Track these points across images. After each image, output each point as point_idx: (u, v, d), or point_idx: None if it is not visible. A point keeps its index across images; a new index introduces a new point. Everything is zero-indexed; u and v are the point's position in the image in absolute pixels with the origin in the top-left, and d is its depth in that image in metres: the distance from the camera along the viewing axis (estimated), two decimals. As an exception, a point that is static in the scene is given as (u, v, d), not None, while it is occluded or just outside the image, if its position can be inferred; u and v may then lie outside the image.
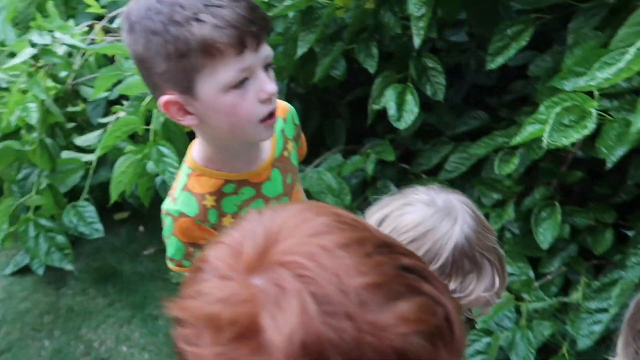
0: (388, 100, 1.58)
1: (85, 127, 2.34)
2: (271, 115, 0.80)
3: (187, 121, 0.80)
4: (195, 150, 0.88)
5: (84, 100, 2.32)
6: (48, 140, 1.87)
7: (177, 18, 0.71)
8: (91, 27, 2.28)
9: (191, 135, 0.97)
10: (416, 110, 1.57)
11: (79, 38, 1.97)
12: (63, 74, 2.09)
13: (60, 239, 1.91)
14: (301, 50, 1.56)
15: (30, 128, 1.84)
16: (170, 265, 0.89)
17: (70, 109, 2.20)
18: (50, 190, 1.89)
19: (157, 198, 2.08)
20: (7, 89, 1.86)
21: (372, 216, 0.85)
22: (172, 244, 0.86)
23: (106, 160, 2.18)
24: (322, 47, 1.67)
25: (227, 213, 0.87)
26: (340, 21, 1.76)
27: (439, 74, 1.61)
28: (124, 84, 1.78)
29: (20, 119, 1.77)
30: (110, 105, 2.31)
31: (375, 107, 1.64)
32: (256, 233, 0.42)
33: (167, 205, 0.87)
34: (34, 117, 1.69)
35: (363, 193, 1.90)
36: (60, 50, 1.97)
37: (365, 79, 2.02)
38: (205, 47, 0.71)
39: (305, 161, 2.14)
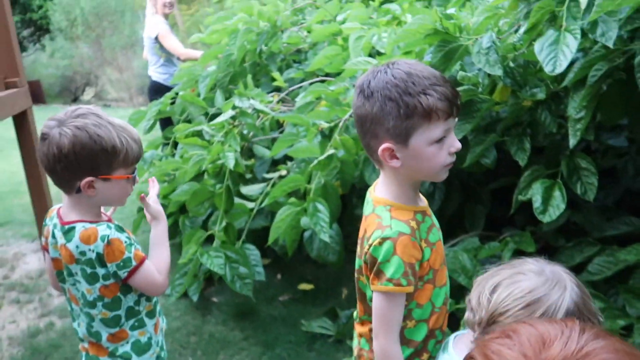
0: (535, 193, 1.64)
1: (251, 179, 2.71)
2: (452, 162, 1.06)
3: (393, 163, 1.04)
4: (383, 192, 1.09)
5: (254, 156, 2.70)
6: (231, 186, 2.20)
7: (410, 91, 0.98)
8: (273, 97, 2.70)
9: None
10: (563, 206, 1.60)
11: (265, 105, 2.35)
12: (245, 132, 2.48)
13: (243, 270, 2.17)
14: (457, 136, 1.70)
15: (216, 174, 2.20)
16: (388, 287, 1.02)
17: (243, 161, 2.59)
18: (230, 228, 2.19)
19: (299, 251, 2.31)
20: (208, 141, 2.26)
21: (485, 283, 0.96)
22: (392, 264, 1.01)
23: (262, 211, 2.48)
24: (475, 136, 1.79)
25: (422, 238, 1.06)
26: (495, 114, 1.89)
27: (591, 174, 1.63)
28: (295, 147, 2.07)
29: (212, 167, 2.14)
30: (274, 164, 2.66)
31: (521, 198, 1.70)
32: (570, 338, 0.50)
33: (382, 233, 1.02)
34: (231, 164, 2.02)
35: (497, 279, 1.92)
36: (249, 111, 2.37)
37: (511, 169, 2.09)
38: (428, 113, 0.98)
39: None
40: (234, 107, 2.13)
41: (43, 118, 1.78)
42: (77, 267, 1.21)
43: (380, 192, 1.09)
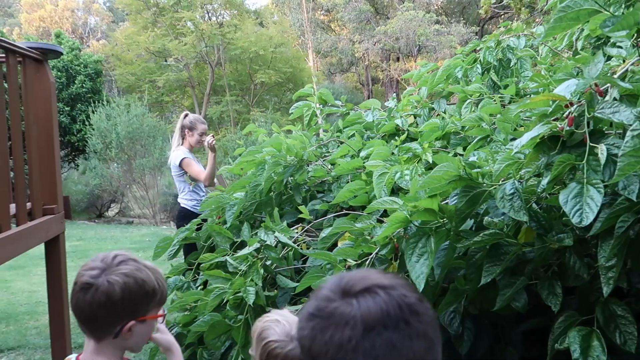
0: (572, 342, 1.57)
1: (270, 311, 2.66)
2: None
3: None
4: None
5: (276, 286, 2.68)
6: (250, 320, 2.17)
7: None
8: (297, 228, 2.75)
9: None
10: (603, 358, 1.53)
11: (289, 237, 2.39)
12: (269, 263, 2.49)
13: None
14: (485, 280, 1.69)
15: (236, 307, 2.19)
16: None
17: (265, 293, 2.56)
18: None
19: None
20: (232, 273, 2.28)
21: None
22: None
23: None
24: (504, 278, 1.78)
25: None
26: (523, 255, 1.89)
27: (629, 323, 1.58)
28: (319, 282, 2.06)
29: (232, 301, 2.13)
30: (295, 296, 2.63)
31: (558, 347, 1.63)
32: None
33: None
34: (251, 299, 2.02)
35: None
36: (273, 244, 2.41)
37: (541, 308, 2.03)
38: None
39: (472, 384, 2.10)
40: (259, 241, 2.17)
41: (68, 233, 1.83)
42: None
43: None
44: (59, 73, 11.64)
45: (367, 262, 1.93)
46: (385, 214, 2.13)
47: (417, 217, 1.75)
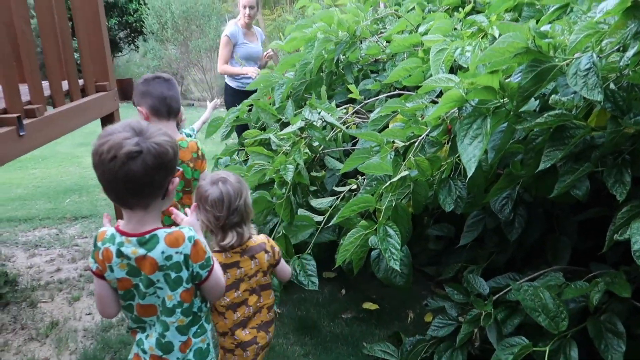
0: (634, 233, 1.45)
1: (320, 190, 2.67)
2: None
3: None
4: None
5: (325, 167, 2.66)
6: (292, 198, 2.19)
7: None
8: (347, 108, 2.64)
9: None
10: (668, 251, 1.41)
11: (336, 117, 2.30)
12: (315, 144, 2.45)
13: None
14: (544, 164, 1.55)
15: (282, 184, 2.19)
16: None
17: (313, 173, 2.55)
18: (284, 239, 2.19)
19: (364, 268, 2.23)
20: (275, 151, 2.26)
21: None
22: None
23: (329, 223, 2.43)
24: (566, 164, 1.63)
25: None
26: (590, 140, 1.71)
27: None
28: (366, 163, 2.00)
29: (277, 176, 2.13)
30: (344, 176, 2.60)
31: (617, 237, 1.52)
32: None
33: None
34: (289, 177, 2.02)
35: (581, 322, 1.74)
36: (318, 123, 2.33)
37: (602, 198, 1.89)
38: None
39: (519, 271, 2.06)
40: (303, 119, 2.10)
41: (132, 115, 1.85)
42: (159, 275, 1.22)
43: None
44: (112, -52, 11.29)
45: (417, 143, 1.83)
46: (441, 94, 1.98)
47: (473, 95, 1.59)
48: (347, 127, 2.60)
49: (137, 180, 1.15)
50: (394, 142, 1.86)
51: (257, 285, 1.59)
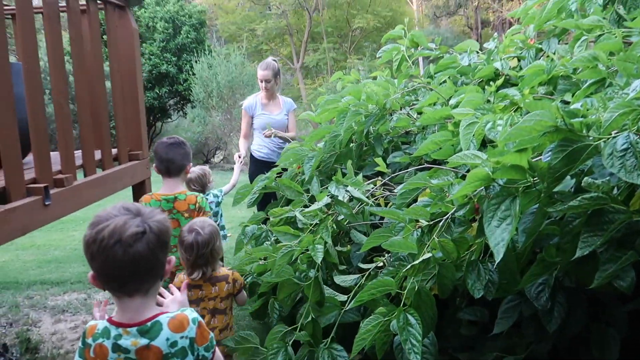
0: (691, 334, 1.27)
1: (345, 264, 2.57)
2: None
3: None
4: None
5: (350, 241, 2.57)
6: (320, 278, 2.07)
7: None
8: (374, 182, 2.58)
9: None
10: None
11: (363, 191, 2.24)
12: (341, 217, 2.37)
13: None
14: (581, 252, 1.41)
15: (309, 265, 2.10)
16: None
17: (338, 248, 2.46)
18: (313, 324, 2.03)
19: (390, 351, 2.07)
20: (300, 229, 2.19)
21: None
22: None
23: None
24: (607, 251, 1.49)
25: None
26: (634, 224, 1.56)
27: None
28: (390, 241, 1.90)
29: (303, 257, 2.04)
30: (372, 250, 2.50)
31: (671, 337, 1.34)
32: None
33: None
34: (319, 257, 1.93)
35: None
36: (345, 198, 2.27)
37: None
38: None
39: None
40: (329, 195, 2.04)
41: None
42: None
43: None
44: (165, 24, 12.17)
45: (442, 222, 1.73)
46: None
47: (500, 174, 1.50)
48: (375, 200, 2.52)
49: (144, 261, 1.11)
50: (417, 220, 1.77)
51: (213, 308, 2.09)
